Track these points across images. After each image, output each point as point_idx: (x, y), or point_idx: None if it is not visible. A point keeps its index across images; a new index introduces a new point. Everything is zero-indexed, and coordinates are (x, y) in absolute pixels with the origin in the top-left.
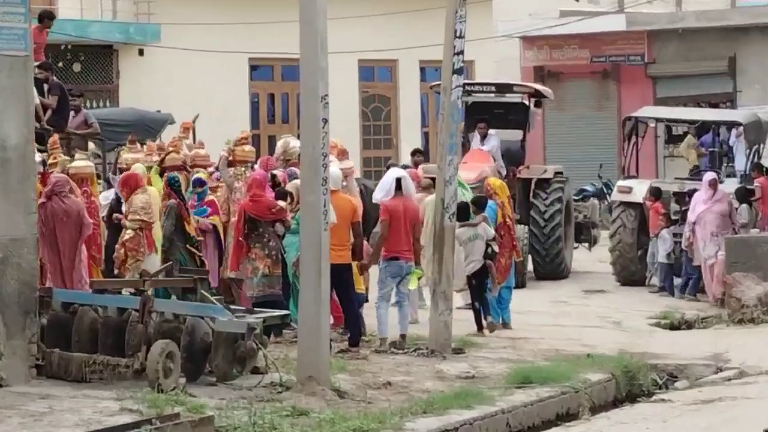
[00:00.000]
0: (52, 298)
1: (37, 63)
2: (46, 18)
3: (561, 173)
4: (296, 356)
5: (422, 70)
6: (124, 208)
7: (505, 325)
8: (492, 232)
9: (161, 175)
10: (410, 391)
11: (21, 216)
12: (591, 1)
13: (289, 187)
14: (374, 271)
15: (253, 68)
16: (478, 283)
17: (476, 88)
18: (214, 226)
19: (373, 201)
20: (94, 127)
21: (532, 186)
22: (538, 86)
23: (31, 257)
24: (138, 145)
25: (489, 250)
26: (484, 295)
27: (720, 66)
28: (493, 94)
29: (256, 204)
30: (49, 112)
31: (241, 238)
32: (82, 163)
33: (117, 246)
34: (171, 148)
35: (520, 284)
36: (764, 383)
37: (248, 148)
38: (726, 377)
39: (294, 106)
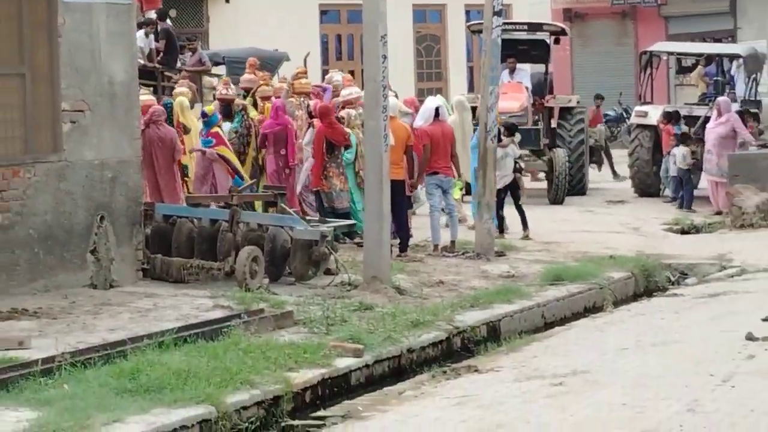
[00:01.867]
0: (155, 211)
1: (152, 9)
2: None
3: (579, 103)
4: (362, 259)
5: (467, 12)
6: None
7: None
8: (519, 151)
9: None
10: (459, 289)
11: (127, 142)
12: None
13: (343, 114)
14: None
15: (323, 13)
16: (513, 195)
17: (510, 26)
18: (222, 156)
19: (414, 127)
20: (206, 65)
21: (556, 113)
22: (562, 24)
23: (136, 176)
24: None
25: (517, 165)
26: (520, 203)
27: (723, 6)
28: (524, 33)
29: (333, 131)
30: (160, 54)
31: (319, 158)
32: (145, 97)
33: None
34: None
35: (561, 200)
36: (762, 279)
37: (305, 80)
38: (729, 274)
39: (358, 45)
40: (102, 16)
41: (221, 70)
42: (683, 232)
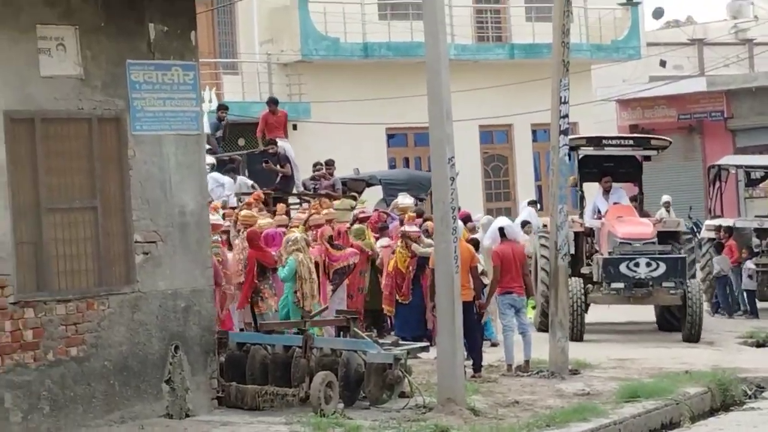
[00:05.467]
0: (229, 339)
1: (268, 138)
2: (272, 103)
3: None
4: (436, 381)
5: (533, 132)
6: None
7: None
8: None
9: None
10: (535, 408)
11: (199, 271)
12: (675, 66)
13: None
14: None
15: (389, 136)
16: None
17: (614, 141)
18: None
19: (482, 247)
20: (338, 192)
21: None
22: (669, 139)
23: (209, 305)
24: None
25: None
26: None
27: None
28: (630, 148)
29: (263, 254)
30: (279, 179)
31: (249, 280)
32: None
33: None
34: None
35: (697, 337)
36: None
37: (245, 212)
38: None
39: (425, 167)
40: (171, 147)
41: (377, 190)
42: (759, 345)
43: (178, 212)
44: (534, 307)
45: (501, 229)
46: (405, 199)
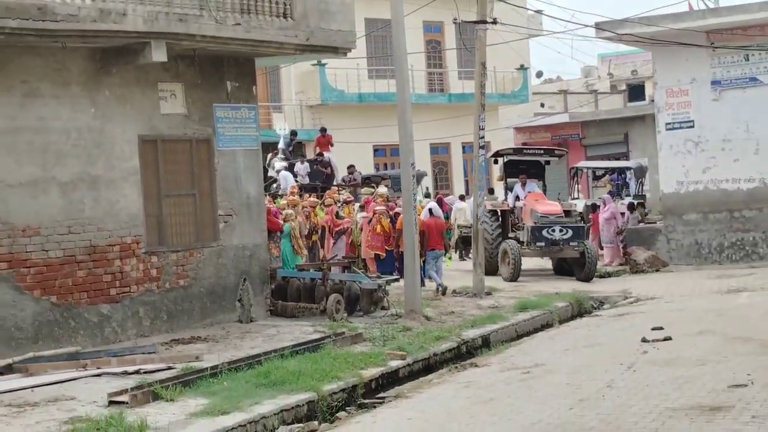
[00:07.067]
0: (277, 274)
1: (319, 151)
2: (323, 130)
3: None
4: (404, 299)
5: (463, 147)
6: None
7: None
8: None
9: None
10: (464, 316)
11: (258, 233)
12: (550, 107)
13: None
14: None
15: (375, 150)
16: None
17: (530, 151)
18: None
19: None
20: (357, 183)
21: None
22: (565, 149)
23: (264, 253)
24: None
25: None
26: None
27: (620, 138)
28: (539, 156)
29: (270, 222)
30: (324, 176)
31: None
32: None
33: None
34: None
35: (590, 279)
36: (650, 304)
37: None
38: (630, 302)
39: (398, 168)
40: (241, 157)
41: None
42: (601, 276)
43: (245, 197)
44: (450, 258)
45: (429, 210)
46: (381, 189)
